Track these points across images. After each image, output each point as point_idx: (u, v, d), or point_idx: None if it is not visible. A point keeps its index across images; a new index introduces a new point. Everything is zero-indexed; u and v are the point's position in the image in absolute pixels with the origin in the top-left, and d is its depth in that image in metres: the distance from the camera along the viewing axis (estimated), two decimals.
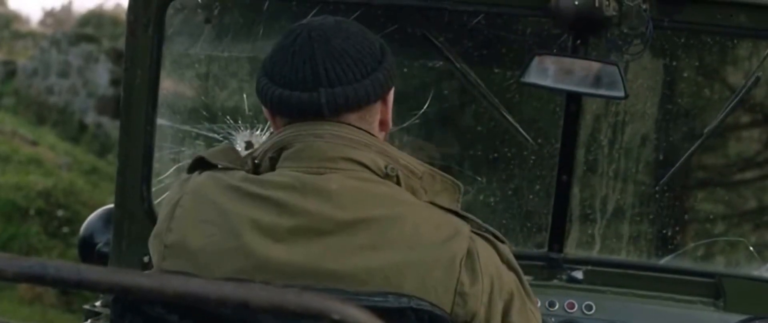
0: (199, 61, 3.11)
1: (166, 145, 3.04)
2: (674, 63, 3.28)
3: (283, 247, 2.14)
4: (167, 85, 3.01)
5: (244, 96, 2.89)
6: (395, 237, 2.17)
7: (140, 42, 2.92)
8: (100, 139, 15.86)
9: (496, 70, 3.13)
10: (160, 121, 2.99)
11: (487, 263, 2.24)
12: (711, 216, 4.62)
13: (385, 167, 2.28)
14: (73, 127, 16.18)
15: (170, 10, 2.89)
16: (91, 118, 16.31)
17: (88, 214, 3.68)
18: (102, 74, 16.51)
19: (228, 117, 2.96)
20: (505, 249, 2.32)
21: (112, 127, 16.08)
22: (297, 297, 1.39)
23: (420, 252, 2.17)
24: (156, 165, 3.10)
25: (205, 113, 3.09)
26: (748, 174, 4.40)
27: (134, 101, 2.97)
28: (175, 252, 2.22)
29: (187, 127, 3.02)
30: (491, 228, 2.30)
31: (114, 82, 16.33)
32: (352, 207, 2.19)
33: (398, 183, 2.29)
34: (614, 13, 2.68)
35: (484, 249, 2.26)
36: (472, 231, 2.27)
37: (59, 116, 16.57)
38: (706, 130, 3.48)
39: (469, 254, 2.21)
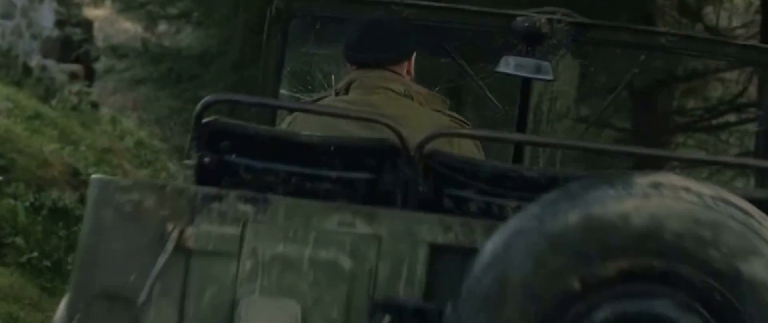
0: (306, 56, 4.92)
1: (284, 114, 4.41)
2: (584, 61, 5.05)
3: (354, 127, 3.85)
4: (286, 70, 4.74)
5: (332, 76, 4.61)
6: (408, 123, 3.64)
7: (272, 42, 4.60)
8: (44, 83, 14.89)
9: (481, 64, 5.02)
10: (282, 91, 4.66)
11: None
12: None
13: (404, 91, 4.13)
14: (17, 71, 15.18)
15: (294, 22, 4.64)
16: (35, 61, 15.39)
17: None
18: (47, 15, 15.87)
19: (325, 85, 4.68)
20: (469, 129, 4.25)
21: (57, 70, 15.36)
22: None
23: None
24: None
25: (309, 86, 4.82)
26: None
27: (267, 82, 4.58)
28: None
29: (298, 95, 4.71)
30: (462, 118, 4.22)
31: (59, 24, 15.53)
32: (384, 109, 3.93)
33: (412, 99, 4.13)
34: (548, 31, 4.53)
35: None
36: (451, 120, 4.14)
37: (2, 59, 15.66)
38: (606, 102, 6.43)
39: None
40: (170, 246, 3.05)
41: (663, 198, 2.92)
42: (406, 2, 4.62)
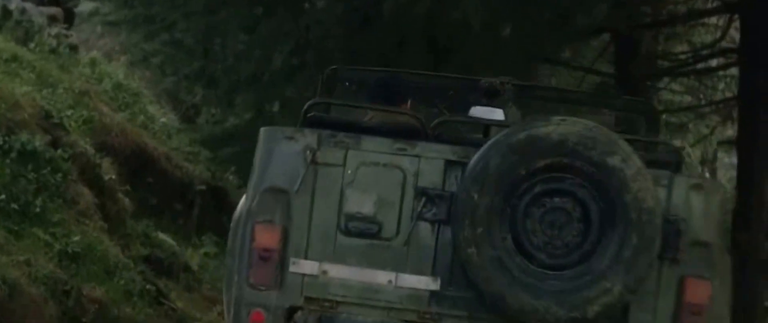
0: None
1: None
2: (524, 110, 6.96)
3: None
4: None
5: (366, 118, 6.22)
6: None
7: (324, 90, 6.85)
8: (23, 26, 14.68)
9: (457, 111, 6.67)
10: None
11: None
12: None
13: None
14: None
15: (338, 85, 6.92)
16: (14, 4, 15.19)
17: None
18: None
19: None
20: None
21: (36, 13, 15.15)
22: None
23: None
24: None
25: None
26: None
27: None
28: None
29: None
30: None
31: None
32: None
33: None
34: (500, 91, 6.53)
35: None
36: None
37: None
38: None
39: None
40: (307, 161, 5.34)
41: (567, 125, 5.29)
42: (408, 71, 7.29)
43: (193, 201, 13.40)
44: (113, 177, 10.97)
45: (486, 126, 6.17)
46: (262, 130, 5.54)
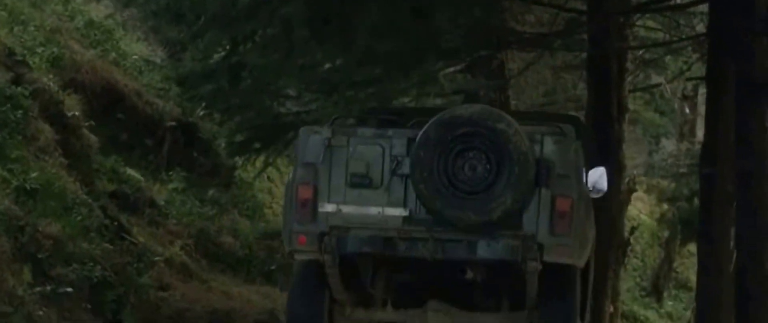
0: None
1: None
2: None
3: None
4: None
5: None
6: None
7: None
8: None
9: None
10: None
11: None
12: None
13: None
14: None
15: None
16: None
17: None
18: None
19: None
20: None
21: None
22: None
23: None
24: None
25: None
26: None
27: None
28: None
29: None
30: None
31: None
32: None
33: None
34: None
35: None
36: None
37: None
38: None
39: None
40: (325, 145, 7.85)
41: (472, 107, 8.15)
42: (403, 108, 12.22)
43: (164, 137, 13.36)
44: (77, 113, 10.93)
45: None
46: (301, 129, 8.46)
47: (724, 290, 15.35)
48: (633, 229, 23.07)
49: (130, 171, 12.18)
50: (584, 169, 8.41)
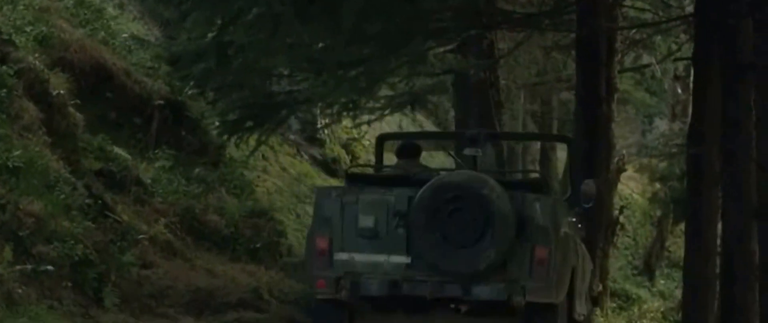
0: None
1: None
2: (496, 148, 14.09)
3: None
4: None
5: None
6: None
7: (378, 151, 11.13)
8: None
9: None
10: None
11: None
12: None
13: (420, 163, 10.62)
14: None
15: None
16: None
17: None
18: None
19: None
20: None
21: None
22: None
23: None
24: None
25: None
26: None
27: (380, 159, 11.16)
28: None
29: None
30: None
31: None
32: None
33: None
34: (478, 137, 10.13)
35: None
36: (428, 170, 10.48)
37: None
38: None
39: None
40: (338, 203, 9.04)
41: (459, 174, 9.30)
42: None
43: (152, 115, 13.33)
44: (62, 92, 10.89)
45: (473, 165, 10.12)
46: (315, 189, 10.97)
47: (712, 269, 15.36)
48: (622, 208, 23.04)
49: (118, 150, 12.16)
50: (565, 219, 9.67)
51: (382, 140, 11.06)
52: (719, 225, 15.14)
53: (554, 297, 9.08)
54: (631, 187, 36.56)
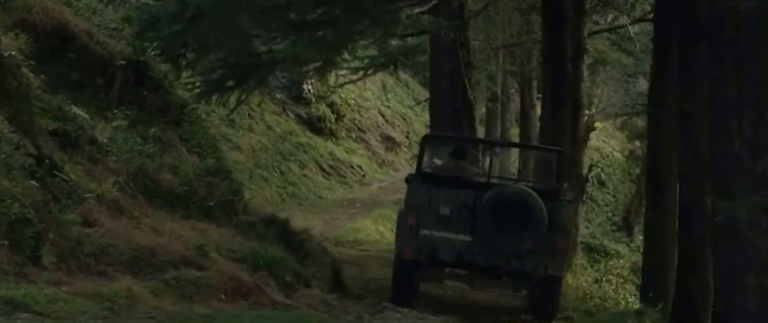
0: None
1: None
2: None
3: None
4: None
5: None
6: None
7: (422, 150, 13.62)
8: None
9: None
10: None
11: None
12: None
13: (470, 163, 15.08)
14: None
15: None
16: None
17: None
18: None
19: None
20: None
21: None
22: None
23: None
24: None
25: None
26: None
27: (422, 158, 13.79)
28: None
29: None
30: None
31: None
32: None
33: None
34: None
35: None
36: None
37: None
38: None
39: None
40: (426, 195, 12.79)
41: (512, 187, 13.18)
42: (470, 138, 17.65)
43: (114, 76, 13.17)
44: (13, 53, 10.71)
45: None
46: (410, 183, 13.16)
47: (671, 225, 15.26)
48: (591, 167, 22.92)
49: (76, 110, 12.00)
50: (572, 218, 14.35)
51: (425, 140, 13.92)
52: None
53: (563, 272, 13.23)
54: (613, 145, 36.43)
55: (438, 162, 14.20)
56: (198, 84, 20.24)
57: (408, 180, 13.03)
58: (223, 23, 15.82)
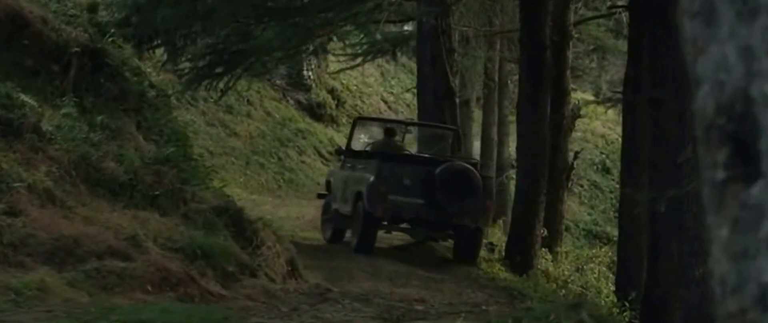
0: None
1: None
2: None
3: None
4: None
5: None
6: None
7: (352, 130, 17.98)
8: None
9: None
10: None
11: None
12: None
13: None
14: None
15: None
16: None
17: None
18: None
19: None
20: None
21: None
22: None
23: None
24: None
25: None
26: None
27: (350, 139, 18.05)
28: None
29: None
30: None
31: None
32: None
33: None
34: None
35: None
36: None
37: None
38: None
39: None
40: (390, 168, 15.80)
41: (458, 164, 15.99)
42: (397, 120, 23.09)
43: (70, 62, 12.87)
44: None
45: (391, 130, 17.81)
46: (378, 160, 15.77)
47: (644, 214, 14.88)
48: (576, 155, 22.52)
49: (24, 97, 11.71)
50: None
51: (356, 121, 18.02)
52: None
53: (487, 225, 16.86)
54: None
55: (366, 139, 17.35)
56: (186, 71, 20.05)
57: (337, 151, 17.82)
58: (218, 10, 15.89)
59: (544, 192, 17.29)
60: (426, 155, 16.66)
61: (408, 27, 22.37)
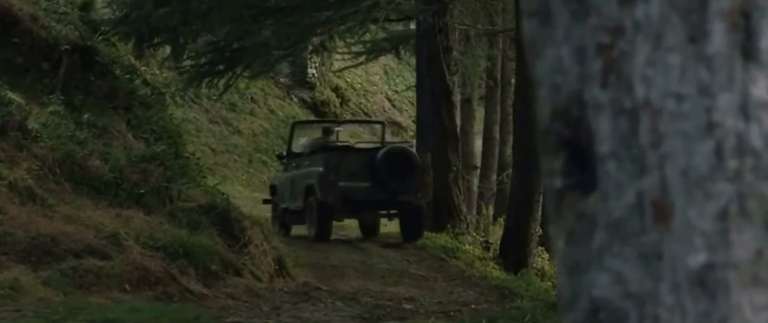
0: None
1: None
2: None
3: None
4: None
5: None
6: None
7: (293, 128, 19.41)
8: None
9: None
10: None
11: None
12: None
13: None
14: None
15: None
16: None
17: None
18: None
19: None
20: None
21: None
22: None
23: None
24: None
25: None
26: None
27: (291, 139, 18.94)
28: None
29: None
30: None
31: None
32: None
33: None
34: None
35: None
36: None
37: None
38: None
39: None
40: (339, 157, 16.98)
41: (398, 146, 17.85)
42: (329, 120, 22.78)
43: (60, 60, 12.80)
44: None
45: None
46: (325, 153, 16.83)
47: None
48: None
49: (11, 95, 11.64)
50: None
51: (294, 125, 19.30)
52: None
53: (427, 200, 16.69)
54: None
55: (305, 141, 18.47)
56: (187, 68, 19.98)
57: (279, 157, 19.13)
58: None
59: (540, 191, 17.16)
60: (364, 144, 18.42)
61: (413, 25, 22.27)
